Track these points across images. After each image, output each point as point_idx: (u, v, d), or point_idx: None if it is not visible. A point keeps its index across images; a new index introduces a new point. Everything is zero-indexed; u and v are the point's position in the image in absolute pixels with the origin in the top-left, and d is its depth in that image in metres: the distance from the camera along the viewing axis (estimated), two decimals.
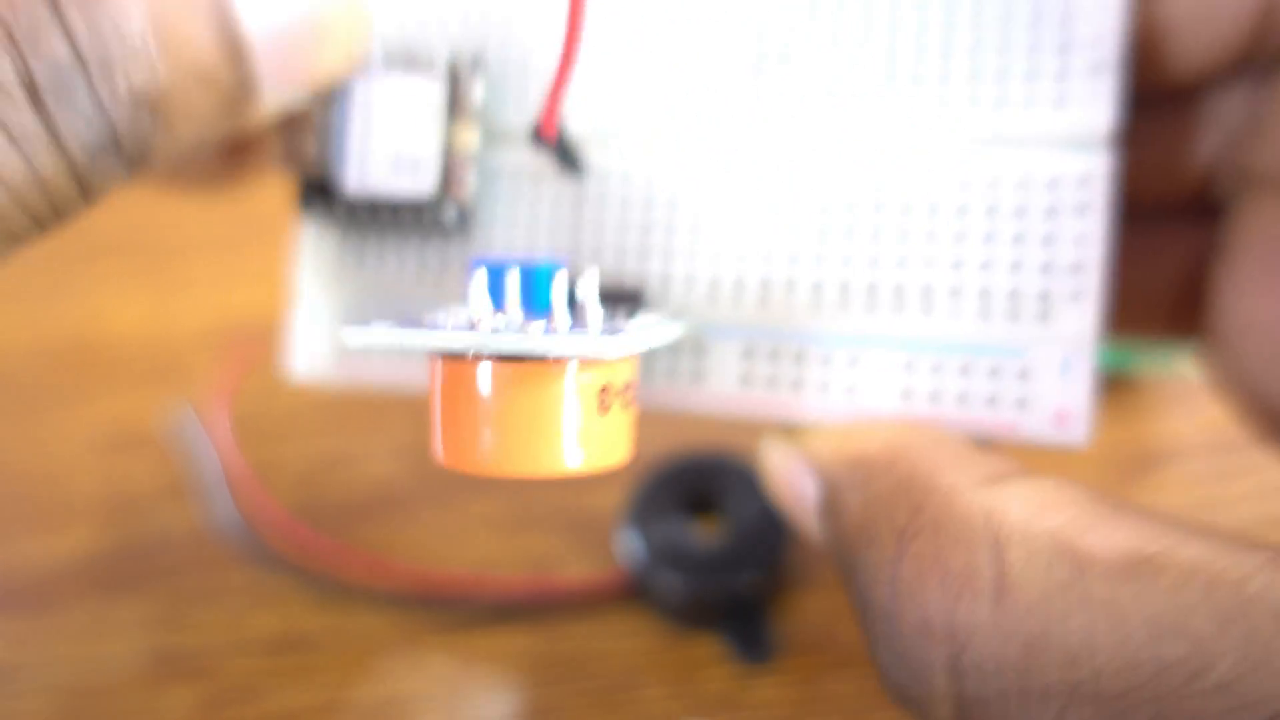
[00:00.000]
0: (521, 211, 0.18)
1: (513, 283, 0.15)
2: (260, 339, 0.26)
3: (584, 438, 0.14)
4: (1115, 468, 0.23)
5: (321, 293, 0.19)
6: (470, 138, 0.17)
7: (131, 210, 0.31)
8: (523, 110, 0.18)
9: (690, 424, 0.24)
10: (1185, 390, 0.25)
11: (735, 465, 0.21)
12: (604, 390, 0.14)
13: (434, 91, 0.17)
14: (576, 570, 0.22)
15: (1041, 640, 0.12)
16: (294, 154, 0.18)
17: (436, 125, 0.17)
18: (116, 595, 0.22)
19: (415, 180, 0.17)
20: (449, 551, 0.22)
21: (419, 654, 0.20)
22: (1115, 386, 0.25)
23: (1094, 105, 0.16)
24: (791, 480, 0.16)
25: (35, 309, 0.28)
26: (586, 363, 0.14)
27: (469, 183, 0.17)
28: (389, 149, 0.17)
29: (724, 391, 0.17)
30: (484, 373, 0.14)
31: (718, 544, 0.21)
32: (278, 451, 0.24)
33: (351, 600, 0.21)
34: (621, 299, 0.17)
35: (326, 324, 0.19)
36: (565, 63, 0.15)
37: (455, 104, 0.17)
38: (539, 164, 0.18)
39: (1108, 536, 0.12)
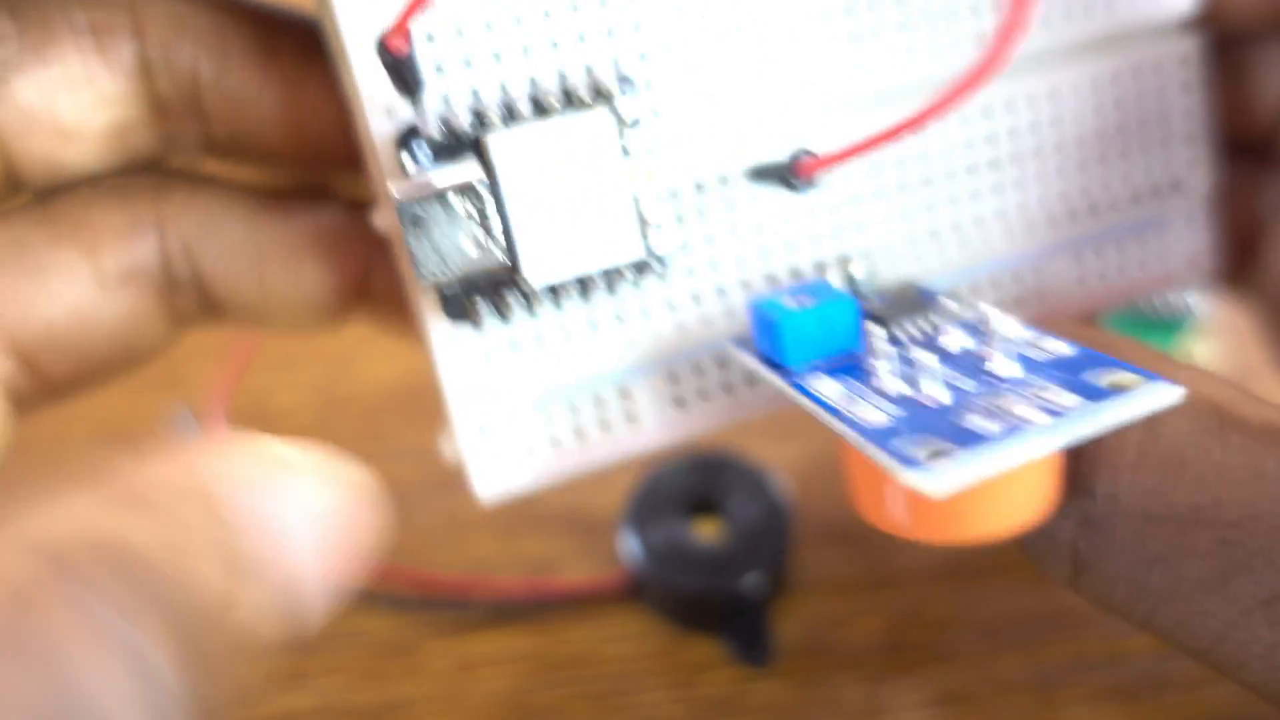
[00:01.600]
0: (714, 226, 0.16)
1: (925, 360, 0.13)
2: (258, 338, 0.26)
3: (1053, 484, 0.14)
4: None
5: (481, 400, 0.16)
6: (654, 168, 0.15)
7: None
8: (685, 117, 0.16)
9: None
10: None
11: (735, 466, 0.21)
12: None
13: (602, 124, 0.15)
14: (576, 572, 0.22)
15: (1176, 467, 0.13)
16: (414, 277, 0.15)
17: (616, 165, 0.15)
18: None
19: (617, 244, 0.15)
20: (448, 553, 0.22)
21: (419, 656, 0.20)
22: None
23: None
24: None
25: None
26: None
27: (671, 222, 0.16)
28: (572, 218, 0.15)
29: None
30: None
31: (718, 545, 0.21)
32: None
33: (349, 602, 0.21)
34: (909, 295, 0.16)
35: (498, 431, 0.16)
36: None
37: (622, 132, 0.15)
38: (717, 170, 0.16)
39: (1258, 410, 0.13)
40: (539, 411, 0.16)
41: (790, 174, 0.15)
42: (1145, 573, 0.13)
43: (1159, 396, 0.12)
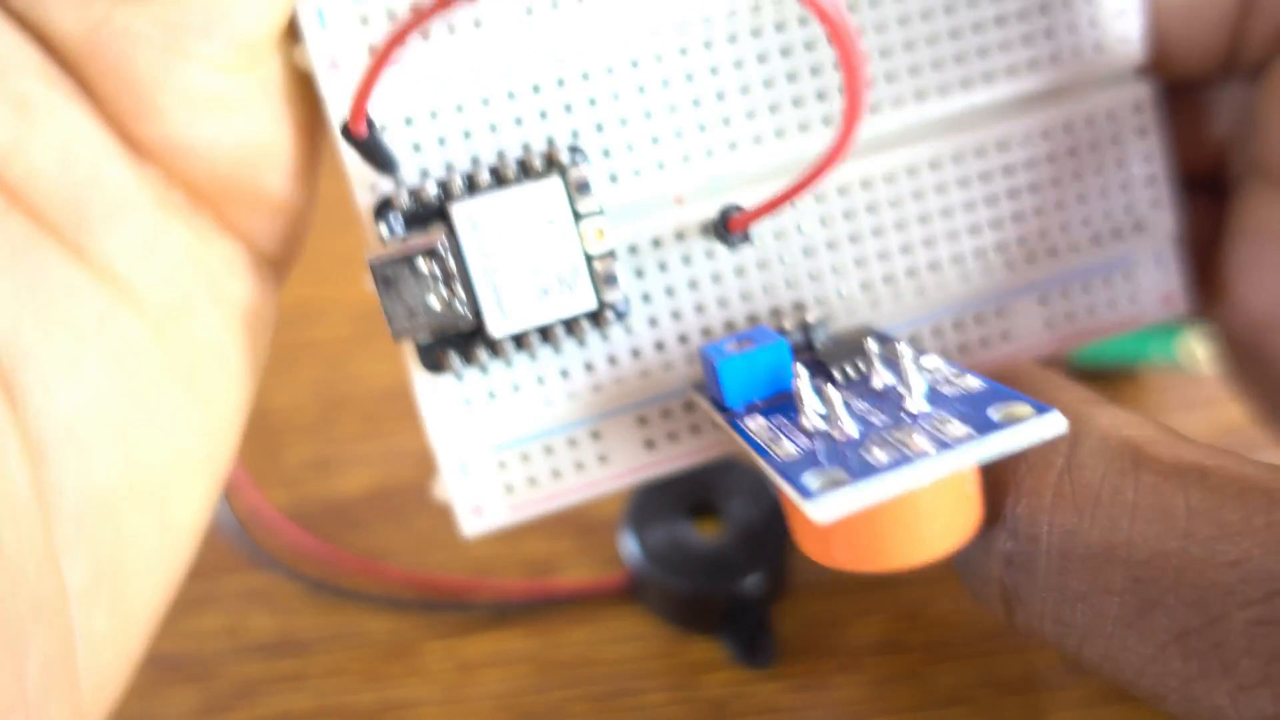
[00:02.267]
0: (673, 278, 0.18)
1: (803, 376, 0.15)
2: None
3: (971, 512, 0.15)
4: None
5: (463, 444, 0.18)
6: (604, 227, 0.17)
7: None
8: (635, 177, 0.17)
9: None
10: (1187, 383, 0.25)
11: (735, 466, 0.21)
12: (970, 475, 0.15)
13: (553, 191, 0.16)
14: (576, 572, 0.22)
15: (1091, 507, 0.14)
16: (396, 330, 0.16)
17: (569, 227, 0.16)
18: None
19: (572, 296, 0.17)
20: (447, 554, 0.22)
21: (418, 658, 0.20)
22: (1117, 380, 0.25)
23: (1127, 43, 0.18)
24: None
25: None
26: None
27: (622, 274, 0.17)
28: (530, 274, 0.16)
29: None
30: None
31: (718, 546, 0.20)
32: (274, 453, 0.24)
33: (349, 604, 0.21)
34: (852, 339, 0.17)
35: (479, 472, 0.18)
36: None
37: (573, 197, 0.16)
38: (673, 224, 0.17)
39: (1174, 450, 0.14)
40: (516, 453, 0.18)
41: (722, 229, 0.17)
42: (1069, 610, 0.14)
43: (1044, 427, 0.13)
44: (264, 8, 0.15)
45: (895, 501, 0.13)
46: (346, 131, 0.16)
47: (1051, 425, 0.13)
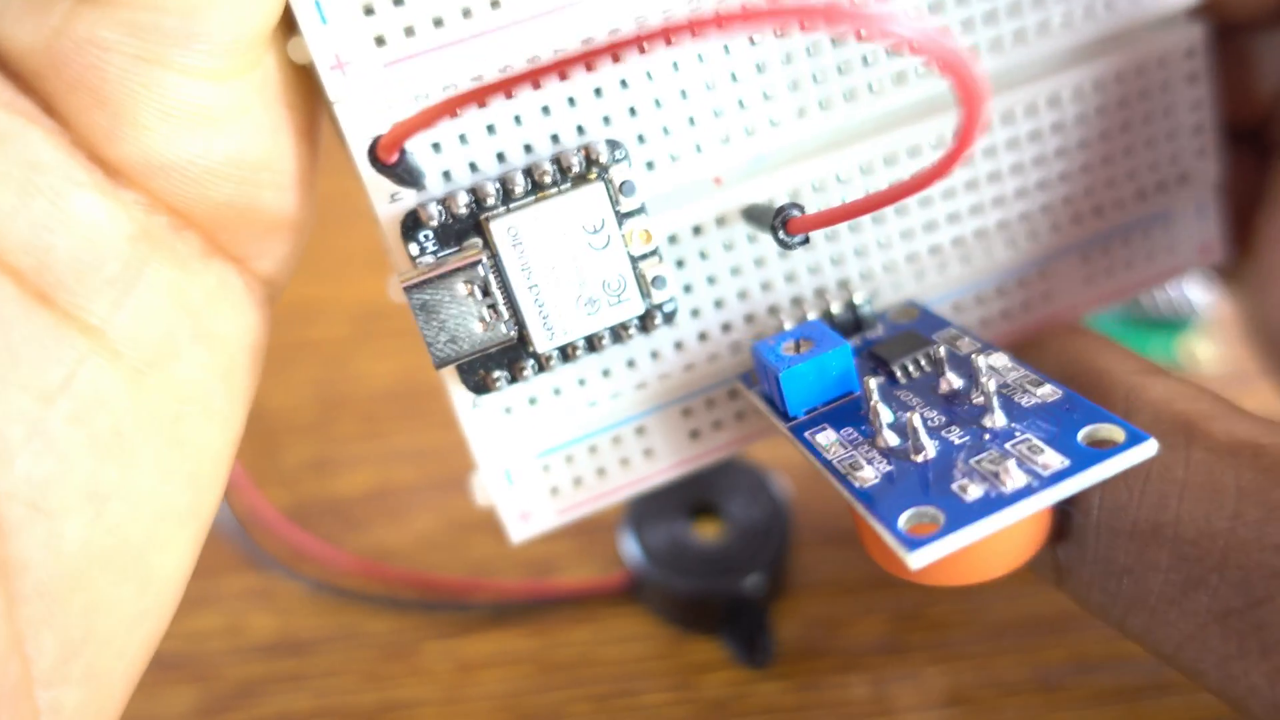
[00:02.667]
0: (715, 266, 0.17)
1: (917, 425, 0.14)
2: None
3: (1027, 541, 0.14)
4: None
5: (506, 452, 0.17)
6: (649, 227, 0.16)
7: None
8: (672, 163, 0.16)
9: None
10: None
11: (735, 466, 0.21)
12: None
13: (596, 197, 0.15)
14: (576, 573, 0.22)
15: (1141, 485, 0.14)
16: (440, 358, 0.15)
17: (613, 231, 0.15)
18: None
19: (620, 305, 0.16)
20: (448, 554, 0.22)
21: (418, 658, 0.20)
22: None
23: None
24: None
25: None
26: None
27: (669, 274, 0.16)
28: (575, 286, 0.15)
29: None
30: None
31: (718, 546, 0.20)
32: (274, 453, 0.24)
33: (349, 604, 0.21)
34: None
35: (524, 479, 0.17)
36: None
37: (615, 199, 0.15)
38: (714, 210, 0.16)
39: (1228, 426, 0.14)
40: (561, 457, 0.17)
41: (781, 231, 0.15)
42: (1116, 582, 0.14)
43: (1136, 454, 0.13)
44: (249, 4, 0.13)
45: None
46: (374, 157, 0.14)
47: (1145, 451, 0.13)
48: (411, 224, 0.15)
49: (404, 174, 0.15)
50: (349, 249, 0.29)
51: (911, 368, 0.16)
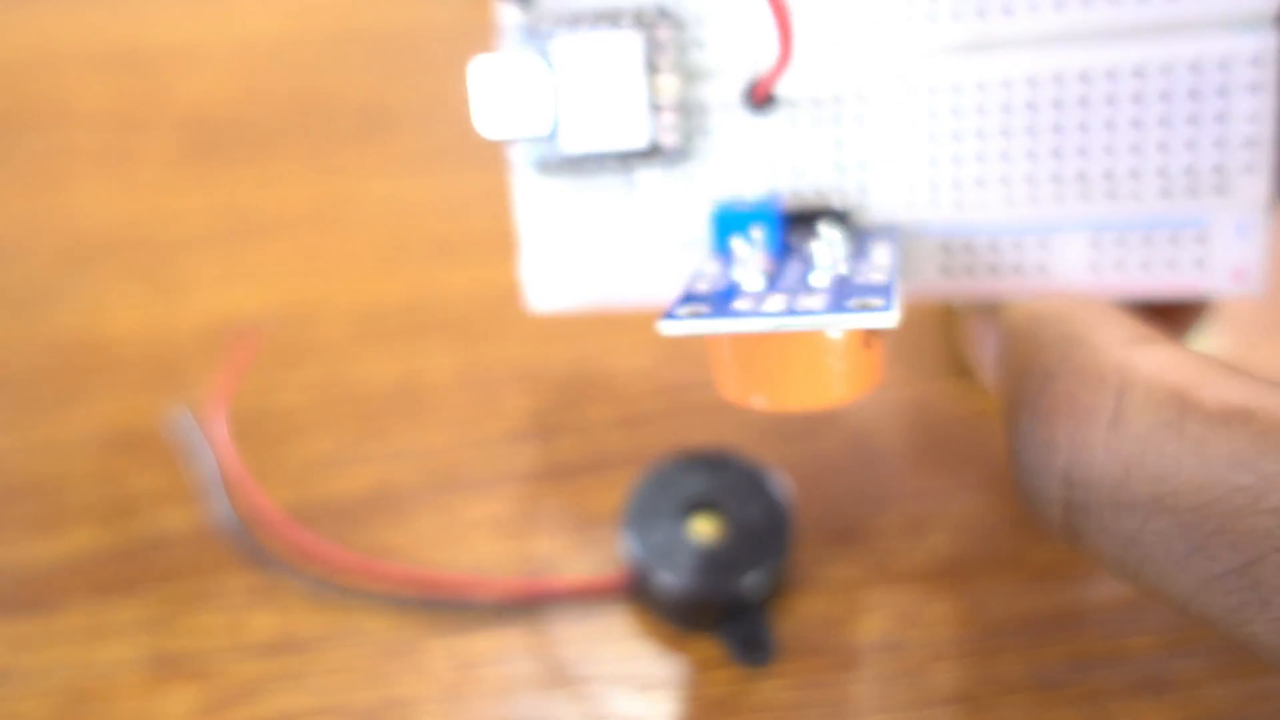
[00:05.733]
0: (726, 143, 0.19)
1: (757, 238, 0.17)
2: (258, 339, 0.26)
3: (855, 374, 0.16)
4: None
5: (544, 235, 0.20)
6: (673, 84, 0.18)
7: (130, 210, 0.31)
8: (712, 47, 0.19)
9: (690, 424, 0.24)
10: None
11: (735, 466, 0.21)
12: (870, 334, 0.16)
13: (633, 43, 0.18)
14: (576, 572, 0.22)
15: (1138, 461, 0.15)
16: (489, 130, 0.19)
17: (641, 76, 0.18)
18: (114, 597, 0.21)
19: (629, 133, 0.18)
20: (447, 553, 0.22)
21: (418, 656, 0.20)
22: None
23: None
24: (980, 337, 0.19)
25: (34, 309, 0.28)
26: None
27: (677, 128, 0.19)
28: (600, 106, 0.18)
29: (926, 280, 0.19)
30: (775, 339, 0.16)
31: (718, 545, 0.20)
32: (276, 452, 0.24)
33: (350, 602, 0.21)
34: (832, 217, 0.19)
35: (554, 262, 0.20)
36: (785, 45, 0.17)
37: (653, 52, 0.18)
38: (731, 98, 0.19)
39: (1218, 392, 0.14)
40: (586, 250, 0.20)
41: (748, 99, 0.18)
42: (1123, 548, 0.15)
43: (871, 320, 0.15)
44: None
45: (757, 343, 0.16)
46: None
47: (880, 319, 0.14)
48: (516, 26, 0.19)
49: None
50: (349, 249, 0.29)
51: (803, 244, 0.18)
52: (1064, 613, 0.21)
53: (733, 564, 0.20)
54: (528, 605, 0.21)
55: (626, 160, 0.19)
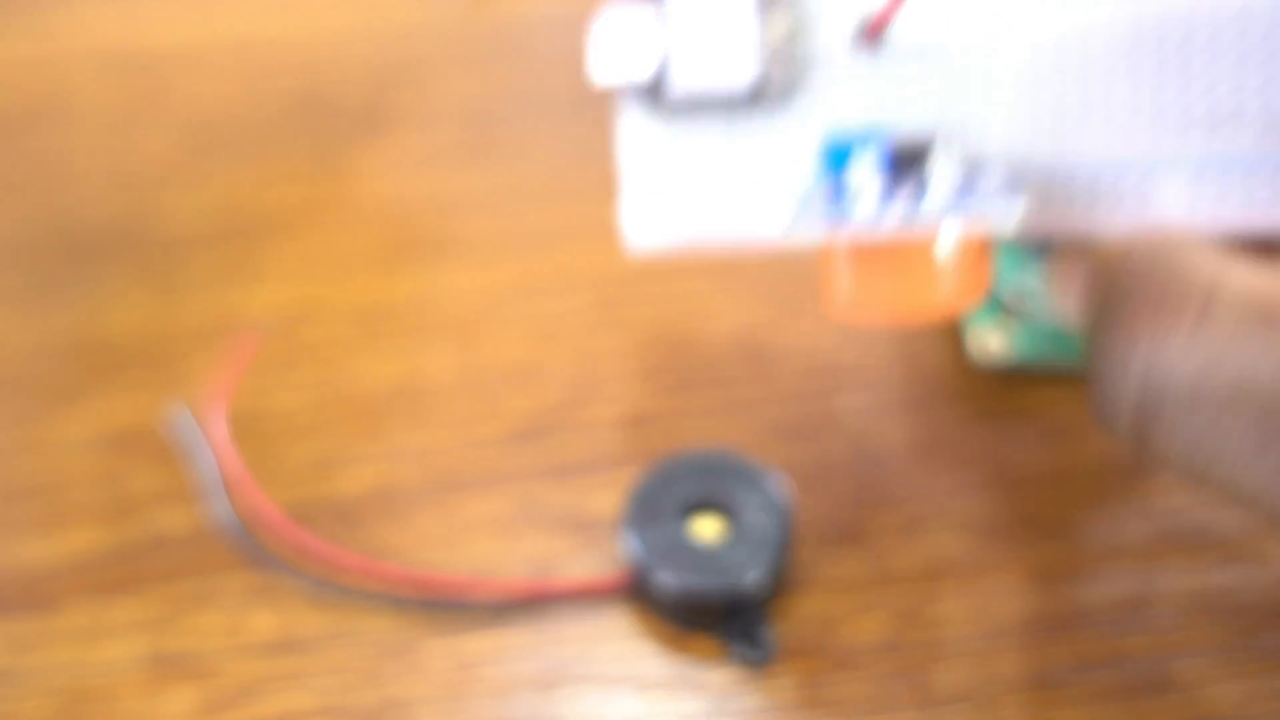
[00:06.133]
0: (834, 82, 0.19)
1: (868, 157, 0.18)
2: (258, 339, 0.26)
3: (966, 284, 0.17)
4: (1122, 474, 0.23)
5: (646, 175, 0.20)
6: (784, 22, 0.18)
7: (129, 210, 0.31)
8: None
9: (690, 424, 0.24)
10: None
11: (735, 466, 0.21)
12: (981, 248, 0.17)
13: None
14: (576, 571, 0.22)
15: (1218, 361, 0.15)
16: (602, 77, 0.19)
17: (752, 14, 0.18)
18: (114, 597, 0.21)
19: (738, 72, 0.19)
20: (447, 553, 0.22)
21: (417, 656, 0.20)
22: None
23: None
24: (1071, 275, 0.19)
25: (33, 309, 0.28)
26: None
27: (787, 69, 0.19)
28: (710, 48, 0.19)
29: (1028, 215, 0.19)
30: (893, 247, 0.17)
31: (718, 545, 0.20)
32: (275, 452, 0.24)
33: (350, 602, 0.21)
34: (939, 155, 0.19)
35: (655, 202, 0.20)
36: None
37: None
38: (841, 37, 0.19)
39: None
40: (688, 189, 0.20)
41: (862, 37, 0.18)
42: (1195, 440, 0.16)
43: (993, 217, 0.16)
44: None
45: (874, 253, 0.17)
46: None
47: (1001, 218, 0.16)
48: None
49: None
50: (349, 249, 0.29)
51: (913, 174, 0.18)
52: (1065, 613, 0.21)
53: (733, 564, 0.20)
54: (527, 605, 0.21)
55: (735, 99, 0.19)
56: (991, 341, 0.24)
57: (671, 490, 0.21)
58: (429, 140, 0.33)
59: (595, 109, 0.34)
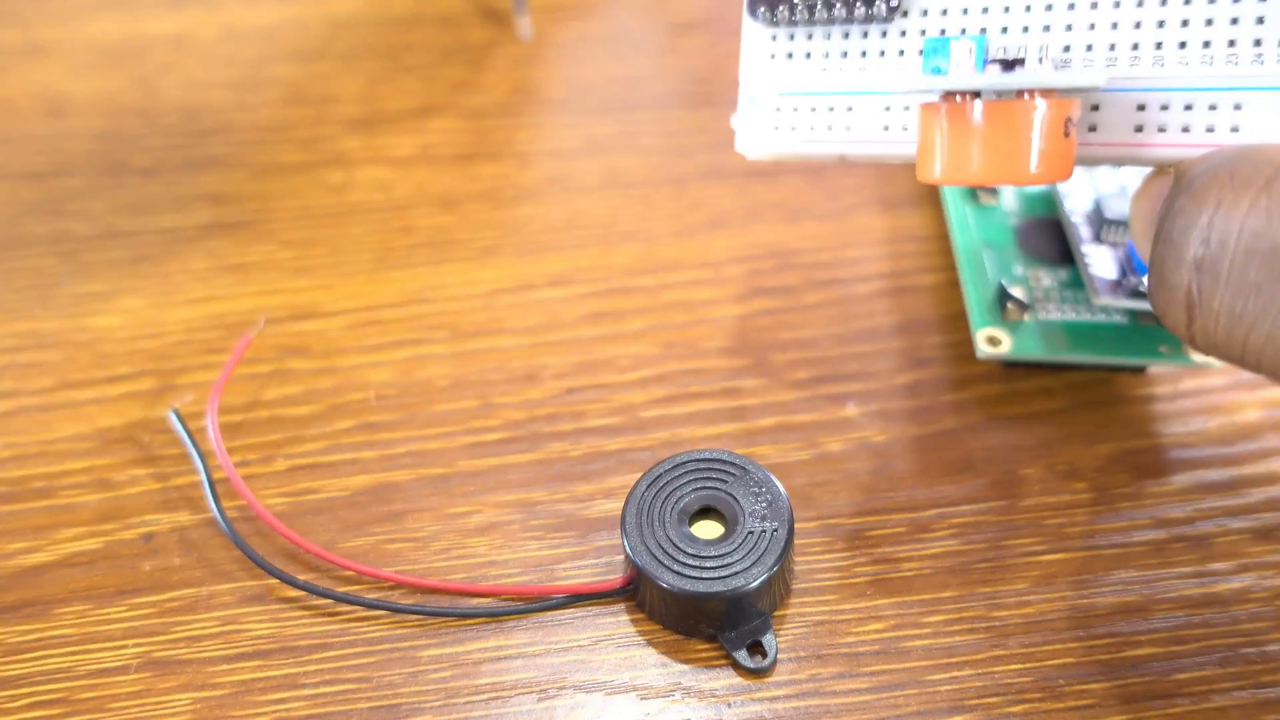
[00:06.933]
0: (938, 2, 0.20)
1: (968, 44, 0.18)
2: (254, 338, 0.26)
3: (1054, 156, 0.18)
4: (1131, 469, 0.23)
5: (763, 82, 0.22)
6: None
7: (128, 209, 0.30)
8: None
9: (690, 426, 0.24)
10: (1199, 382, 0.24)
11: (736, 466, 0.21)
12: (1067, 120, 0.18)
13: None
14: (576, 573, 0.21)
15: (1277, 222, 0.16)
16: None
17: None
18: (108, 601, 0.21)
19: None
20: (445, 557, 0.22)
21: (415, 660, 0.20)
22: (1125, 378, 0.25)
23: None
24: (1153, 189, 0.20)
25: (30, 308, 0.28)
26: (1055, 100, 0.18)
27: None
28: None
29: (1122, 137, 0.19)
30: (978, 109, 0.18)
31: (718, 547, 0.20)
32: (273, 456, 0.24)
33: (346, 606, 0.21)
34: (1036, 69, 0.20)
35: (768, 112, 0.22)
36: None
37: None
38: None
39: None
40: (794, 103, 0.22)
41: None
42: (1244, 301, 0.16)
43: (1082, 79, 0.18)
44: None
45: (970, 118, 0.18)
46: None
47: (1090, 80, 0.17)
48: None
49: None
50: (349, 249, 0.29)
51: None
52: (1070, 619, 0.20)
53: (734, 567, 0.20)
54: (527, 608, 0.21)
55: (845, 12, 0.20)
56: (995, 340, 0.24)
57: (671, 491, 0.21)
58: (428, 137, 0.32)
59: (596, 109, 0.34)
